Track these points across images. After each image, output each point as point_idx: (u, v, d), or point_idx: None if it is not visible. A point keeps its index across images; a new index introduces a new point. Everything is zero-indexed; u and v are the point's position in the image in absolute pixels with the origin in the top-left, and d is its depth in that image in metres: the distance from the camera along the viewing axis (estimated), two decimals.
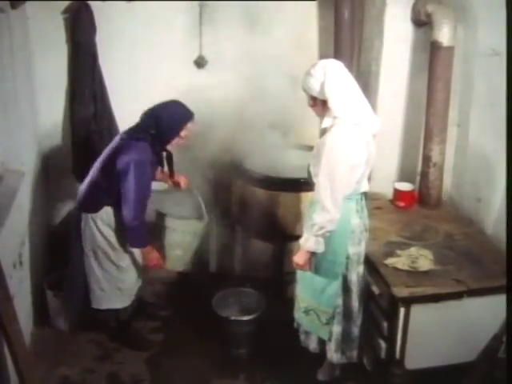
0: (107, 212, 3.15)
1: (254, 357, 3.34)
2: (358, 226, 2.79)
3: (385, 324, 2.87)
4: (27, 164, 3.52)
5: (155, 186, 3.30)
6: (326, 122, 2.67)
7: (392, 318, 2.80)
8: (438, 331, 2.78)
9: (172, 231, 3.37)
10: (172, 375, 3.26)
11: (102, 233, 3.16)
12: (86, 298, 3.29)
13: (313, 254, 2.72)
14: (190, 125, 3.12)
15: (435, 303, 2.74)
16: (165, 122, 3.04)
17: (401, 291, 2.72)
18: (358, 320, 2.94)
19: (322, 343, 3.03)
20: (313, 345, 3.06)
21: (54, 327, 3.54)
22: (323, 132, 2.72)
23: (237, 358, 3.36)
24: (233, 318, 3.30)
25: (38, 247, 3.66)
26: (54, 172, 3.99)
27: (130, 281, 3.34)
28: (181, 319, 3.70)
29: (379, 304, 2.91)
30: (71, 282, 3.31)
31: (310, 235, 2.66)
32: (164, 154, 3.26)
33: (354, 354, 2.99)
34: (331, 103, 2.61)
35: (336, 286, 2.82)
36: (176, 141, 3.13)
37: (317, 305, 2.86)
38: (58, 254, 3.61)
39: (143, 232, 3.14)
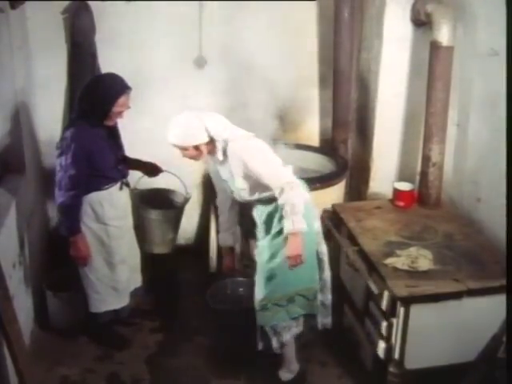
0: (92, 206, 3.10)
1: (255, 357, 3.33)
2: (308, 200, 2.89)
3: (384, 324, 2.86)
4: (27, 164, 3.52)
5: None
6: (219, 153, 2.79)
7: (391, 317, 2.81)
8: (438, 331, 2.78)
9: (164, 222, 3.45)
10: (172, 375, 3.26)
11: (90, 228, 3.13)
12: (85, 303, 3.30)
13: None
14: (122, 99, 2.96)
15: (435, 303, 2.73)
16: (96, 97, 2.92)
17: (400, 291, 2.72)
18: (330, 287, 3.04)
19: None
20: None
21: (54, 327, 3.54)
22: (223, 163, 2.82)
23: (237, 358, 3.36)
24: (234, 308, 3.26)
25: (37, 247, 3.66)
26: (53, 172, 3.98)
27: (124, 279, 3.31)
28: (180, 319, 3.69)
29: (379, 304, 2.91)
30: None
31: (293, 217, 2.69)
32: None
33: (330, 320, 3.08)
34: (217, 134, 2.75)
35: (315, 260, 2.93)
36: (112, 116, 3.00)
37: (302, 286, 2.92)
38: (58, 254, 3.61)
39: (72, 217, 3.02)
